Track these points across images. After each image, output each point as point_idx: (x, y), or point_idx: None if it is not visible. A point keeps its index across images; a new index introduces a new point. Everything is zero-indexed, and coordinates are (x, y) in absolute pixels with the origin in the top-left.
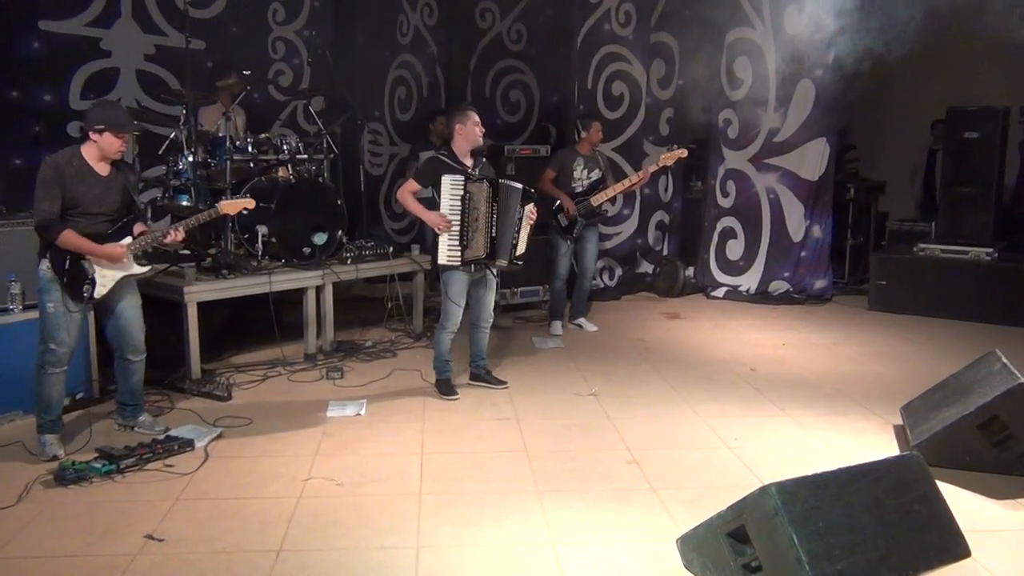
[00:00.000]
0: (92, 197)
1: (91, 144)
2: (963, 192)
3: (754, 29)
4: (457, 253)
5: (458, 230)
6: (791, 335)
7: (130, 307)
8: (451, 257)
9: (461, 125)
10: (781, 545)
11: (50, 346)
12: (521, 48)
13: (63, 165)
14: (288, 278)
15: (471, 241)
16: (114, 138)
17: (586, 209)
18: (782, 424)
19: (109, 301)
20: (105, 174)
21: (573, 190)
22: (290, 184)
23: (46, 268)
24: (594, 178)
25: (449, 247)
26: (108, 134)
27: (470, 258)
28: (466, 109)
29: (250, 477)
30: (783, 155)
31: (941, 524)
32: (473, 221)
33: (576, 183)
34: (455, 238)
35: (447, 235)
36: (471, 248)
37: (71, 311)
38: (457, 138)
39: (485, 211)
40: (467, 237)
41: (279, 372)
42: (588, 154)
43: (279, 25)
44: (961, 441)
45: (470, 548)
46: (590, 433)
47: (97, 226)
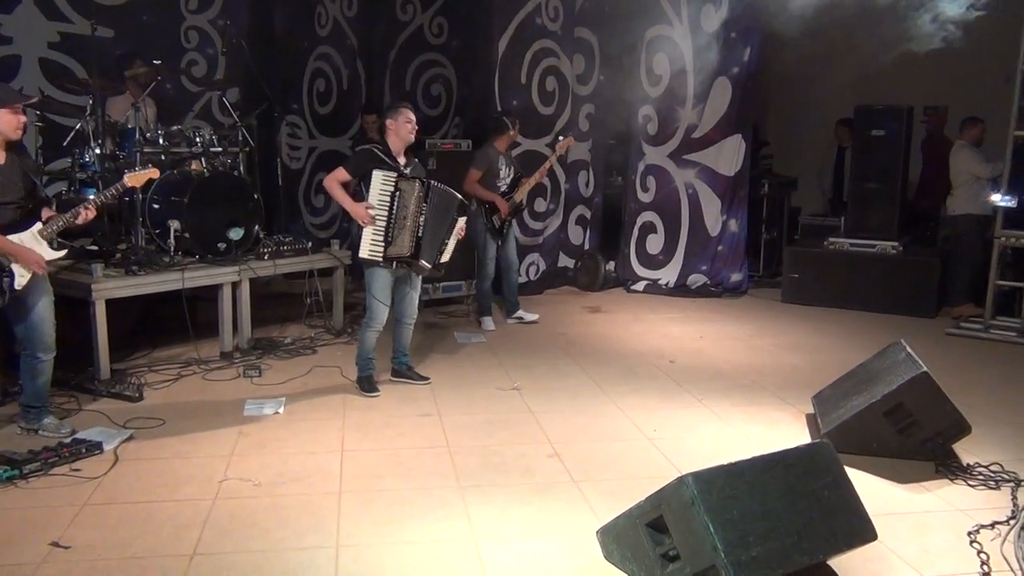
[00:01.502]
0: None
1: None
2: (870, 188)
3: (672, 27)
4: (380, 248)
5: (383, 226)
6: (709, 328)
7: (44, 303)
8: (373, 252)
9: (392, 121)
10: (698, 534)
11: None
12: (442, 41)
13: None
14: (202, 274)
15: (396, 238)
16: (11, 115)
17: (513, 206)
18: (700, 415)
19: (26, 295)
20: (2, 161)
21: (498, 189)
22: (204, 177)
23: None
24: (512, 175)
25: (372, 242)
26: (4, 111)
27: (393, 255)
28: (399, 105)
29: (162, 479)
30: (701, 151)
31: (849, 509)
32: (401, 219)
33: (501, 182)
34: (379, 233)
35: (371, 229)
36: (395, 245)
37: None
38: (389, 134)
39: (414, 211)
40: (392, 234)
41: (194, 371)
42: (505, 152)
43: (192, 13)
44: (868, 428)
45: (391, 546)
46: (512, 427)
47: (7, 215)
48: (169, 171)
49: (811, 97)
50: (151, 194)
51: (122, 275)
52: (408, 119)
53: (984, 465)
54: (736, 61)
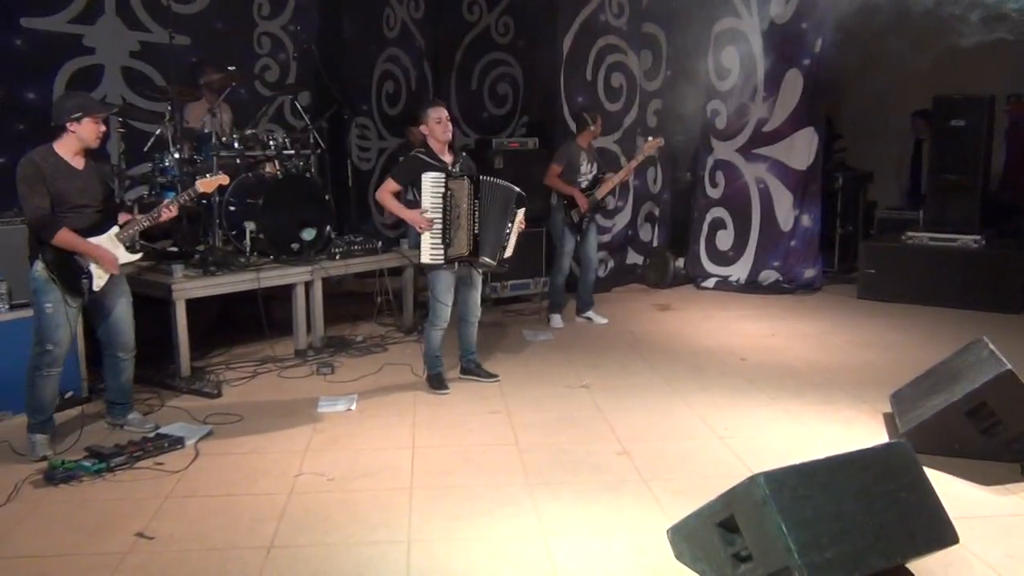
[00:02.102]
0: (75, 191)
1: (67, 137)
2: (950, 180)
3: (741, 19)
4: (440, 251)
5: (440, 228)
6: (781, 325)
7: (122, 303)
8: (434, 256)
9: (424, 124)
10: (770, 534)
11: (47, 347)
12: (508, 40)
13: (39, 162)
14: (276, 274)
15: (453, 239)
16: (93, 124)
17: (593, 203)
18: (772, 414)
19: (103, 297)
20: (81, 167)
21: (579, 184)
22: (277, 180)
23: (41, 269)
24: (594, 172)
25: (432, 246)
26: (87, 120)
27: (453, 256)
28: (427, 106)
29: (240, 474)
30: (771, 145)
31: (929, 511)
32: (455, 219)
33: (582, 178)
34: (437, 236)
35: (429, 234)
36: (454, 246)
37: (71, 306)
38: (427, 138)
39: (467, 208)
40: (449, 235)
41: (269, 369)
42: (587, 148)
43: (264, 20)
44: (949, 428)
45: (461, 541)
46: (580, 425)
47: (87, 219)
48: (244, 174)
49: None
50: (227, 197)
51: (201, 276)
52: (438, 117)
53: None
54: (807, 52)
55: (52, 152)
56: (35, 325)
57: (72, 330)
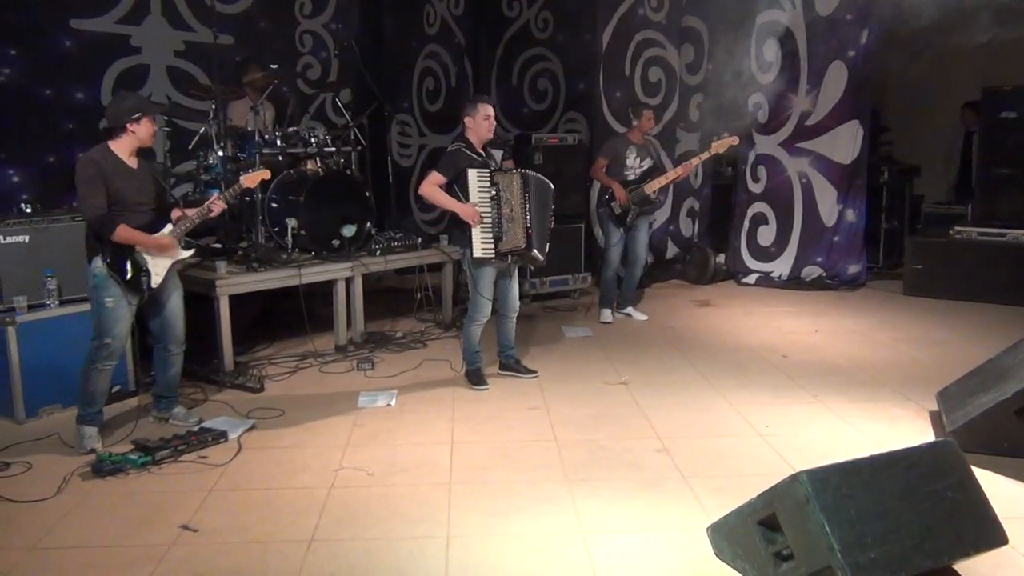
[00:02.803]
0: (132, 190)
1: (126, 137)
2: (1000, 173)
3: (784, 11)
4: (491, 245)
5: (490, 223)
6: (824, 321)
7: (175, 298)
8: (485, 250)
9: (470, 118)
10: (812, 533)
11: (105, 341)
12: (548, 36)
13: (100, 162)
14: (318, 270)
15: (506, 232)
16: (150, 123)
17: (640, 197)
18: (814, 411)
19: (158, 292)
20: (135, 167)
21: (625, 178)
22: (319, 177)
23: (101, 265)
24: (647, 166)
25: (483, 239)
26: (145, 120)
27: (506, 249)
28: (477, 101)
29: (282, 468)
30: (815, 139)
31: (977, 511)
32: (507, 212)
33: (628, 171)
34: (487, 230)
35: (480, 229)
36: (507, 240)
37: (131, 303)
38: (468, 132)
39: (520, 202)
40: (501, 228)
41: (310, 364)
42: (640, 142)
43: (306, 18)
44: (998, 427)
45: (499, 537)
46: (619, 422)
47: (142, 217)
48: (286, 171)
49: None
50: (270, 194)
51: (244, 272)
52: (486, 115)
53: None
54: (852, 44)
55: (110, 152)
56: (95, 320)
57: (129, 325)
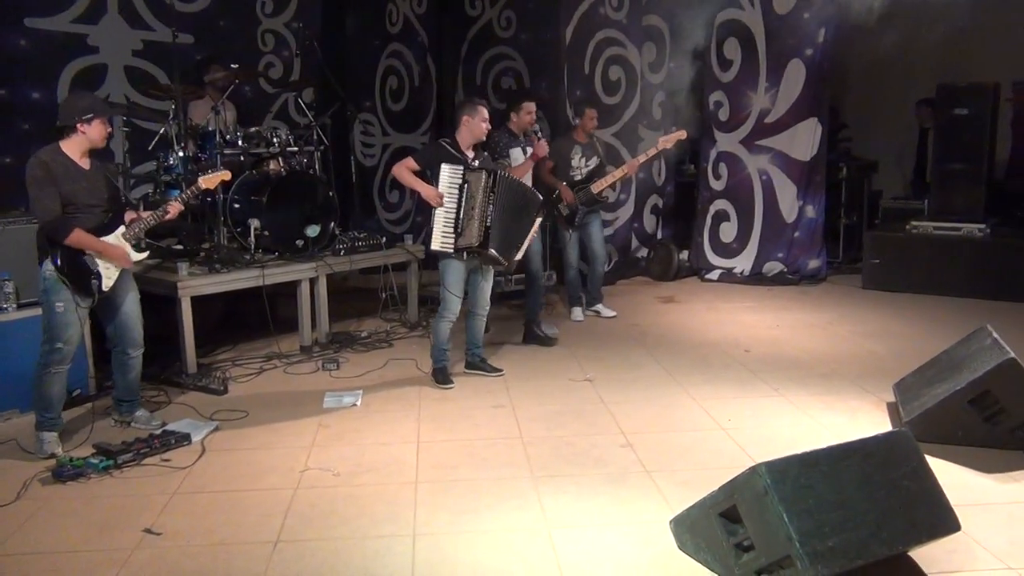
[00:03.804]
0: (84, 191)
1: (76, 137)
2: (954, 169)
3: (743, 10)
4: (451, 240)
5: (452, 217)
6: (785, 316)
7: (131, 301)
8: (444, 244)
9: (469, 117)
10: (772, 523)
11: (56, 345)
12: (511, 34)
13: (49, 162)
14: (281, 271)
15: (465, 229)
16: (102, 125)
17: (587, 197)
18: (776, 404)
19: (112, 295)
20: (88, 167)
21: (572, 178)
22: (281, 177)
23: (51, 269)
24: (592, 166)
25: (443, 233)
26: (97, 121)
27: (463, 245)
28: (477, 103)
29: (247, 469)
30: (774, 136)
31: (931, 499)
32: (469, 209)
33: (575, 171)
34: (449, 224)
35: (442, 222)
36: (464, 236)
37: (81, 307)
38: (462, 129)
39: (481, 200)
40: (461, 225)
41: (275, 365)
42: (585, 142)
43: (268, 17)
44: (953, 416)
45: (466, 535)
46: (585, 418)
47: (95, 219)
48: (248, 171)
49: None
50: (232, 194)
51: (206, 273)
52: (484, 118)
53: None
54: (810, 43)
55: (60, 152)
56: (45, 323)
57: (81, 329)
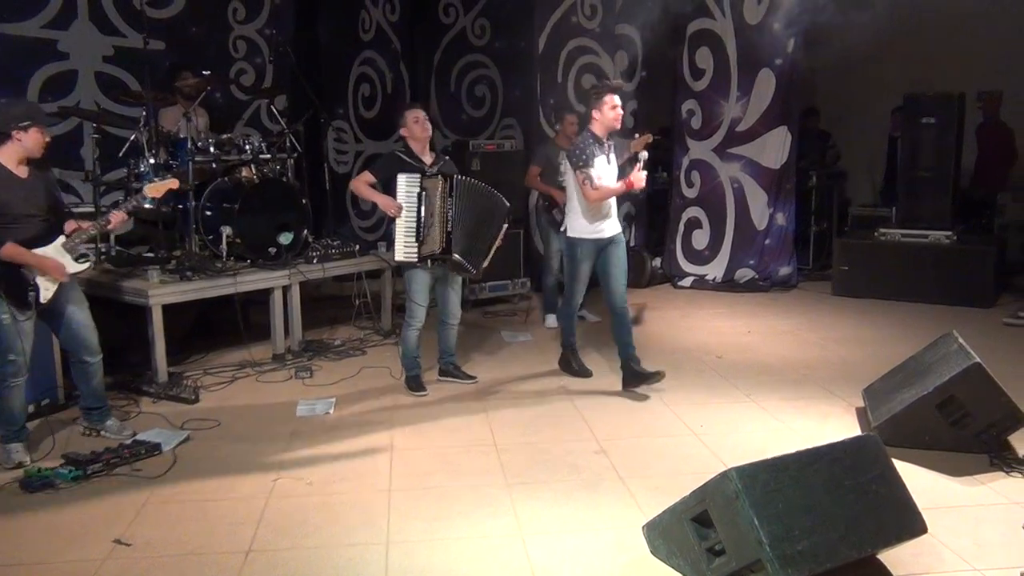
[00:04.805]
0: (19, 200)
1: (11, 145)
2: (921, 177)
3: (715, 20)
4: (413, 249)
5: (413, 227)
6: (757, 322)
7: (78, 308)
8: (408, 254)
9: (403, 126)
10: (743, 528)
11: (9, 357)
12: (485, 43)
13: None
14: (254, 278)
15: (427, 236)
16: (39, 133)
17: None
18: (747, 410)
19: (56, 305)
20: (25, 176)
21: (560, 184)
22: (254, 184)
23: None
24: None
25: (405, 244)
26: (34, 130)
27: (426, 254)
28: (404, 109)
29: (218, 479)
30: (745, 144)
31: (898, 502)
32: (429, 216)
33: (562, 177)
34: (411, 234)
35: (403, 232)
36: (427, 244)
37: (19, 320)
38: (407, 138)
39: (440, 206)
40: (423, 233)
41: (247, 373)
42: (568, 147)
43: (239, 24)
44: (920, 421)
45: (440, 542)
46: (558, 425)
47: (32, 229)
48: (220, 179)
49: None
50: (204, 201)
51: (177, 281)
52: (415, 117)
53: None
54: (780, 53)
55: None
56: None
57: (30, 339)
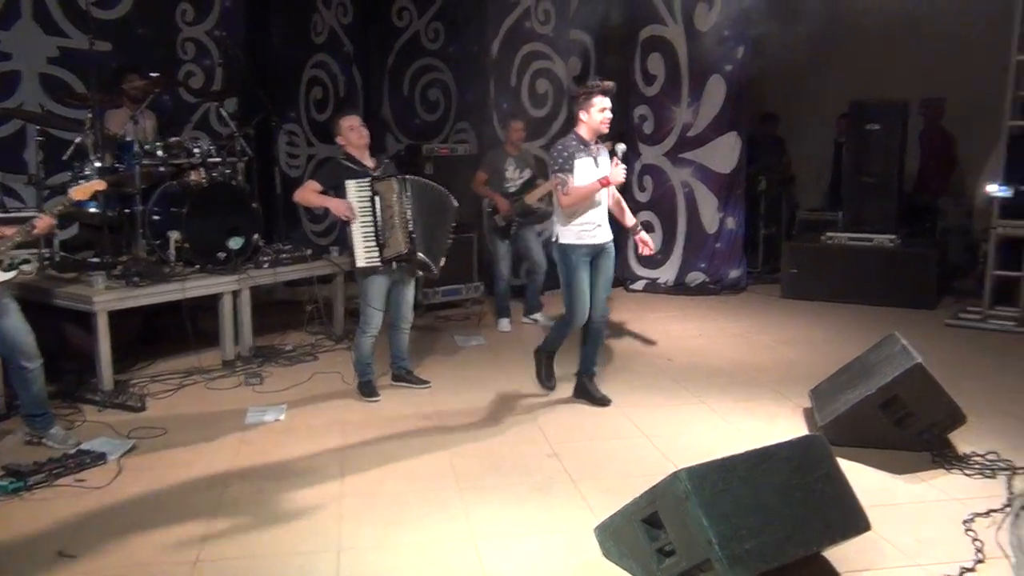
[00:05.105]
0: None
1: None
2: (867, 182)
3: (666, 26)
4: (376, 254)
5: (372, 231)
6: (708, 325)
7: (9, 314)
8: (370, 259)
9: (339, 135)
10: (692, 528)
11: None
12: (439, 46)
13: None
14: (202, 284)
15: (389, 239)
16: None
17: (522, 208)
18: (698, 412)
19: None
20: None
21: (507, 190)
22: (203, 188)
23: None
24: (526, 177)
25: (366, 249)
26: None
27: (391, 256)
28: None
29: (165, 488)
30: (696, 149)
31: (843, 500)
32: (388, 219)
33: (509, 183)
34: (370, 238)
35: (361, 238)
36: (390, 246)
37: None
38: (345, 146)
39: (399, 208)
40: (383, 236)
41: (195, 380)
42: (516, 153)
43: (188, 25)
44: (864, 421)
45: (391, 548)
46: (511, 428)
47: None
48: (169, 182)
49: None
50: (151, 206)
51: (123, 287)
52: (350, 125)
53: (980, 454)
54: (730, 59)
55: None
56: None
57: None
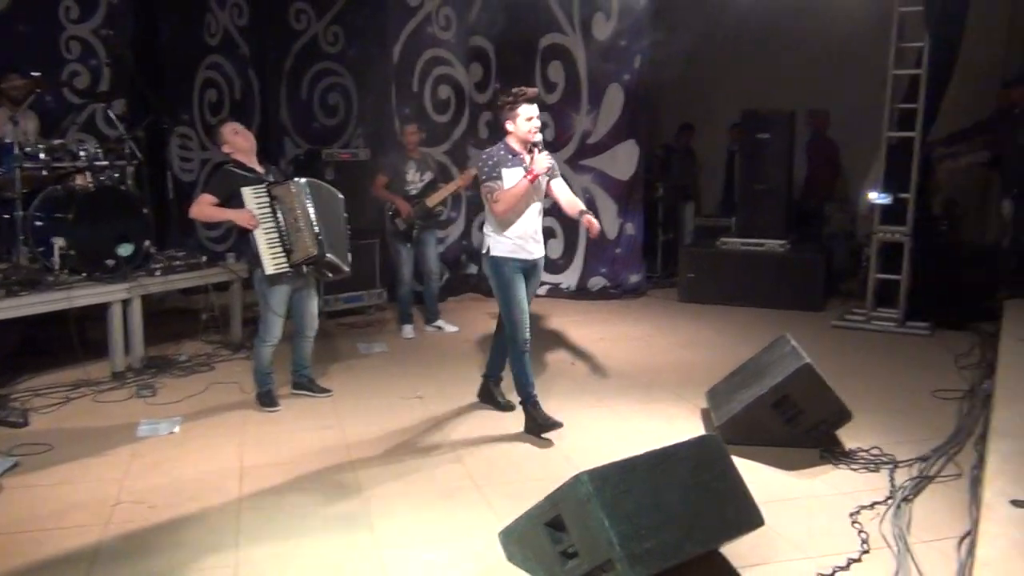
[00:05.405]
0: None
1: None
2: (758, 189)
3: (566, 35)
4: (283, 259)
5: (276, 237)
6: (609, 329)
7: None
8: (278, 265)
9: (224, 143)
10: (594, 529)
11: None
12: (338, 50)
13: None
14: (89, 292)
15: (295, 243)
16: None
17: (422, 211)
18: (599, 414)
19: None
20: None
21: (407, 193)
22: (89, 192)
23: None
24: (427, 179)
25: (273, 255)
26: None
27: (300, 260)
28: (219, 126)
29: (50, 507)
30: (596, 156)
31: (738, 497)
32: (292, 223)
33: (410, 186)
34: (275, 245)
35: (265, 245)
36: (298, 250)
37: None
38: (233, 153)
39: (301, 211)
40: (289, 241)
41: (83, 393)
42: (417, 156)
43: (73, 23)
44: (758, 420)
45: (292, 560)
46: (414, 435)
47: None
48: (52, 187)
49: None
50: (32, 211)
51: (3, 296)
52: (234, 130)
53: (865, 449)
54: (627, 68)
55: None
56: None
57: None
